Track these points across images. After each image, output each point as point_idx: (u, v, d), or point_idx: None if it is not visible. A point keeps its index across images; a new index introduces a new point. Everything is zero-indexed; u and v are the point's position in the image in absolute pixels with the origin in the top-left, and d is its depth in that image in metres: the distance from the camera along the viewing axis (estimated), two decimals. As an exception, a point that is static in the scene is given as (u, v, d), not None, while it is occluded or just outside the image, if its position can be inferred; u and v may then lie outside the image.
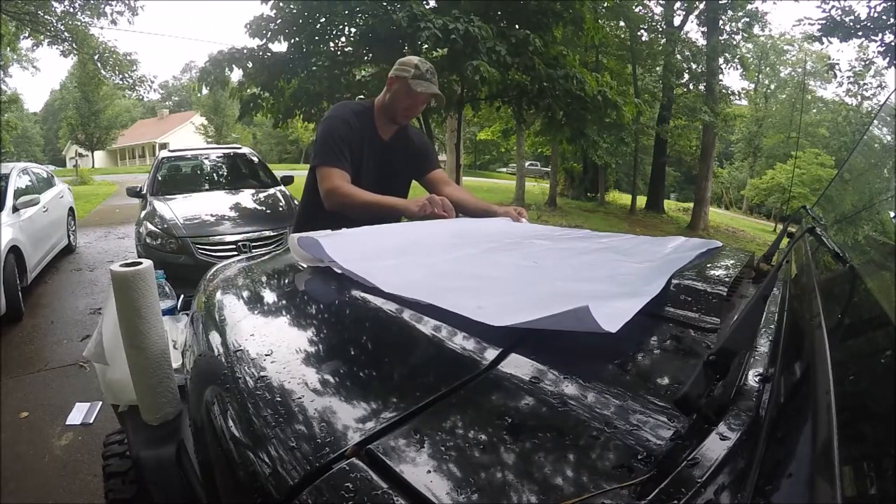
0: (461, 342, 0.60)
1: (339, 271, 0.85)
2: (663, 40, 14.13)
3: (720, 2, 13.31)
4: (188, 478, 0.65)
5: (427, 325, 0.65)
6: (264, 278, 1.02)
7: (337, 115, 1.52)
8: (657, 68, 14.57)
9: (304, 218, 1.61)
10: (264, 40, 6.76)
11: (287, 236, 3.32)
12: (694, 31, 26.38)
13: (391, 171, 1.60)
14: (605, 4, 10.83)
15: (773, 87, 28.47)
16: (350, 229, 1.07)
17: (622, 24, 13.47)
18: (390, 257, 0.91)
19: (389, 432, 0.43)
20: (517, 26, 6.77)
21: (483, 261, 0.92)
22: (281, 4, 6.60)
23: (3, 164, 4.59)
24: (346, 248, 0.91)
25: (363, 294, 0.77)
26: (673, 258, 0.89)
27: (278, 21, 6.60)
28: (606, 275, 0.82)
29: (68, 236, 5.62)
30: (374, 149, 1.56)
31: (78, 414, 2.34)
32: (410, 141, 1.64)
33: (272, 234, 3.82)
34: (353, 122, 1.50)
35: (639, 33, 14.00)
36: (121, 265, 0.76)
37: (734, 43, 14.06)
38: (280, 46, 6.90)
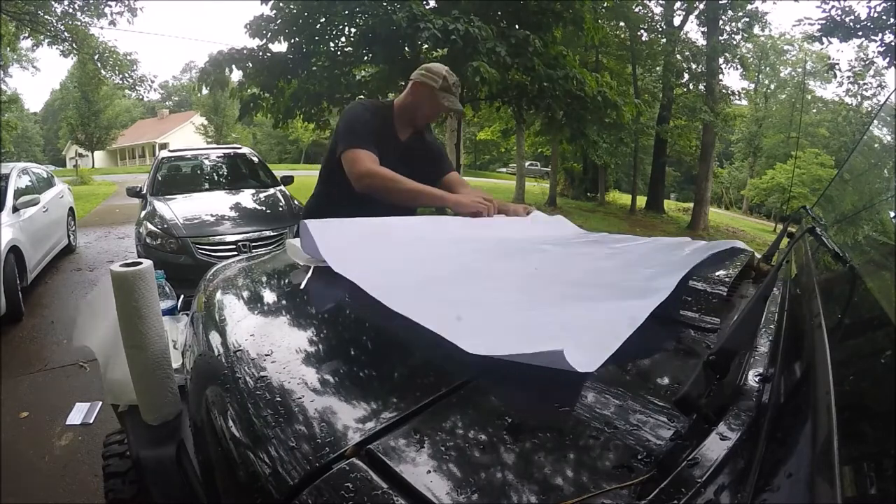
0: (461, 342, 0.60)
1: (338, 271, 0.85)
2: (663, 40, 14.12)
3: (720, 2, 13.31)
4: (188, 478, 0.65)
5: (427, 325, 0.64)
6: (264, 278, 1.02)
7: (359, 107, 1.52)
8: (657, 68, 14.56)
9: (318, 211, 1.59)
10: (264, 40, 6.76)
11: (287, 237, 3.30)
12: (694, 31, 26.42)
13: (408, 172, 1.56)
14: (605, 4, 10.83)
15: (773, 87, 28.47)
16: (350, 220, 1.05)
17: (622, 24, 13.46)
18: (384, 260, 0.89)
19: (389, 432, 0.43)
20: (517, 26, 6.77)
21: (482, 267, 0.90)
22: (281, 4, 6.60)
23: (3, 164, 4.58)
24: (341, 244, 0.90)
25: (363, 294, 0.76)
26: (683, 262, 0.87)
27: (278, 21, 6.61)
28: (610, 282, 0.80)
29: (68, 236, 5.62)
30: (392, 148, 1.54)
31: (78, 414, 2.34)
32: (426, 144, 1.64)
33: (272, 234, 3.81)
34: (373, 117, 1.50)
35: (639, 33, 13.99)
36: (121, 265, 0.76)
37: (734, 43, 14.06)
38: (280, 46, 6.91)
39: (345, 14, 6.39)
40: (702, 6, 13.68)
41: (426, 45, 5.80)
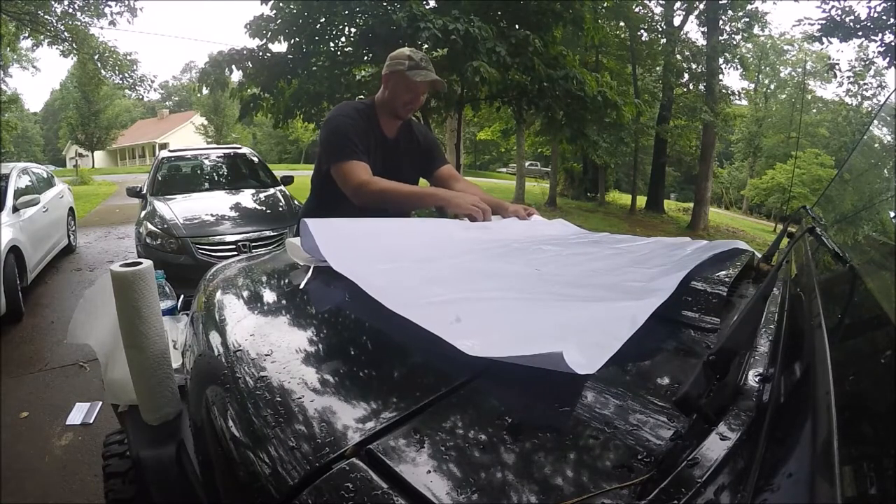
0: (461, 342, 0.60)
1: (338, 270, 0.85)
2: (663, 40, 14.13)
3: (720, 2, 13.32)
4: (188, 478, 0.65)
5: (427, 325, 0.64)
6: (264, 278, 1.02)
7: (340, 114, 1.48)
8: (657, 68, 14.57)
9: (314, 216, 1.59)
10: (264, 40, 6.75)
11: (287, 237, 3.29)
12: (694, 31, 26.43)
13: (398, 169, 1.56)
14: (605, 4, 10.82)
15: (773, 87, 28.48)
16: (351, 220, 1.05)
17: (622, 24, 13.46)
18: (384, 260, 0.89)
19: (389, 432, 0.43)
20: (517, 26, 6.76)
21: (482, 268, 0.90)
22: (281, 4, 6.59)
23: (3, 164, 4.58)
24: (342, 243, 0.90)
25: (363, 294, 0.76)
26: (685, 262, 0.86)
27: (278, 21, 6.60)
28: (611, 282, 0.80)
29: (68, 236, 5.62)
30: (380, 147, 1.53)
31: (78, 414, 2.34)
32: (416, 138, 1.61)
33: (272, 234, 3.82)
34: (357, 120, 1.47)
35: (639, 33, 13.99)
36: (121, 265, 0.76)
37: (734, 43, 14.06)
38: (280, 47, 6.90)
39: (345, 14, 6.38)
40: (702, 6, 13.68)
41: (426, 45, 5.79)
